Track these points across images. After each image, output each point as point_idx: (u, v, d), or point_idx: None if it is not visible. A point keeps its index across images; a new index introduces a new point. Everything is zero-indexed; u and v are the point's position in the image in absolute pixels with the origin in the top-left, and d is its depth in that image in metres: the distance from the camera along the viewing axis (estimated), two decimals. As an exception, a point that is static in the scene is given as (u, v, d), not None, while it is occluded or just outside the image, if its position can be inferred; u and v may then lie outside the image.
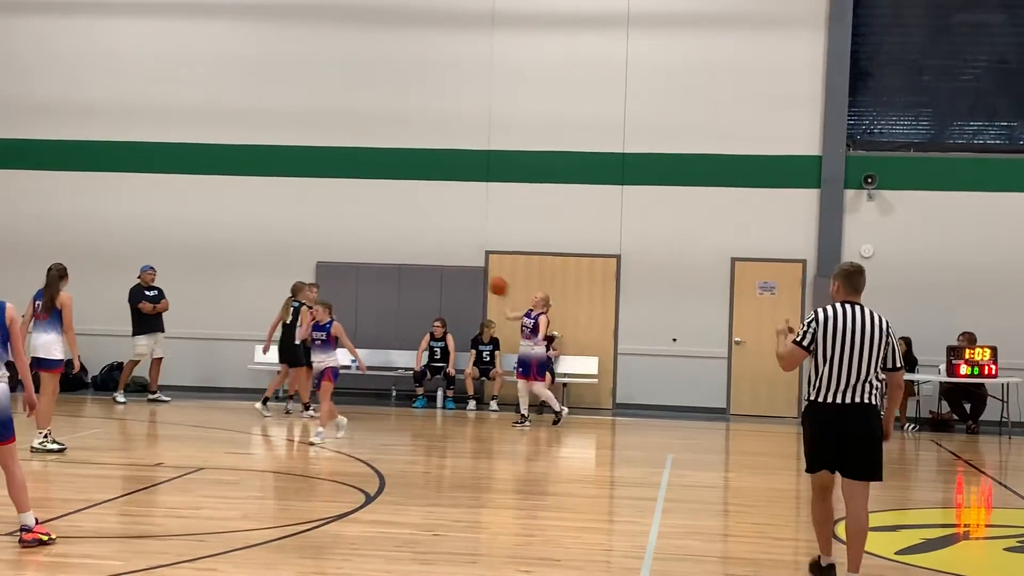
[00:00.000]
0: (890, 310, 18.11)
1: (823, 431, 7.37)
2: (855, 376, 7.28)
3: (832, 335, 7.33)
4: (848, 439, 7.27)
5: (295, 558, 7.77)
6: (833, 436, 7.31)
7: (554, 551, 8.21)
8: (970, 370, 16.66)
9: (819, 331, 7.36)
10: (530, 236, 18.92)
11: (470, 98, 19.06)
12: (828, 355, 7.30)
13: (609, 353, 18.78)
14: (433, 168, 19.11)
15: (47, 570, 7.24)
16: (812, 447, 7.47)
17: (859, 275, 7.73)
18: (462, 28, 19.18)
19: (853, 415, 7.26)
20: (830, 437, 7.33)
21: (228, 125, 19.37)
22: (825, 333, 7.34)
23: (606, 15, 18.84)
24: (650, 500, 10.46)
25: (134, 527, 8.56)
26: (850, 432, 7.27)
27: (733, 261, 18.60)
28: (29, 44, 19.80)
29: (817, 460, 7.45)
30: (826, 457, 7.39)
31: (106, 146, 19.60)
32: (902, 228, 18.36)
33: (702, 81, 18.69)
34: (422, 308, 18.71)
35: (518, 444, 14.96)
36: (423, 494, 10.66)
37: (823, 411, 7.32)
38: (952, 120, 18.86)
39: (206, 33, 19.59)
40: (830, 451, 7.35)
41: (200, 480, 10.88)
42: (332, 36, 19.34)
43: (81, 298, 12.80)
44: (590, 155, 18.84)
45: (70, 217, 19.51)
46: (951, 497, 11.99)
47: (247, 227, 19.32)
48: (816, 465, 7.46)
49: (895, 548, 8.66)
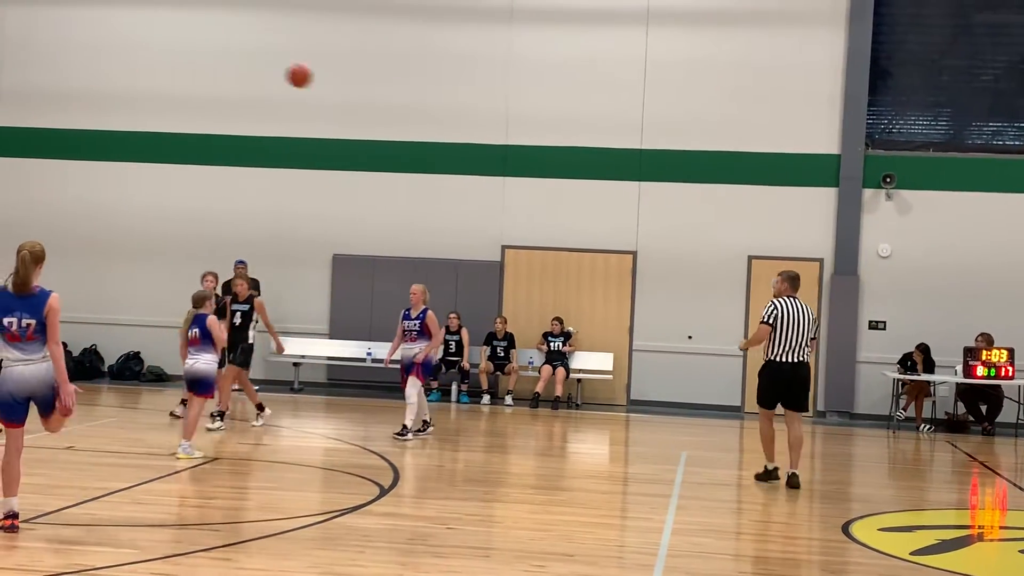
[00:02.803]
0: (907, 310, 18.33)
1: (778, 379, 11.19)
2: (797, 344, 11.07)
3: (785, 317, 11.05)
4: (793, 384, 11.20)
5: (309, 549, 7.79)
6: (784, 383, 11.19)
7: (567, 546, 8.21)
8: (987, 371, 16.60)
9: (777, 314, 11.05)
10: (546, 231, 18.91)
11: (488, 93, 19.06)
12: (781, 330, 11.04)
13: (624, 349, 18.77)
14: (450, 162, 19.12)
15: (63, 556, 7.27)
16: (769, 391, 11.29)
17: (798, 279, 11.50)
18: (480, 22, 19.18)
19: (797, 369, 11.16)
20: (781, 384, 11.20)
21: (245, 117, 19.42)
22: (781, 316, 11.05)
23: (625, 11, 18.81)
24: (664, 497, 10.46)
25: (149, 516, 8.58)
26: (795, 380, 11.18)
27: (750, 259, 18.55)
28: (47, 33, 19.88)
29: (771, 399, 11.34)
30: (778, 397, 11.29)
31: (123, 136, 19.67)
32: (920, 228, 18.29)
33: (721, 78, 18.64)
34: (438, 302, 18.56)
35: (532, 439, 14.97)
36: (437, 487, 10.68)
37: (779, 366, 11.15)
38: (971, 120, 18.77)
39: (225, 24, 19.64)
40: (781, 393, 11.24)
41: (215, 470, 10.92)
42: (350, 29, 19.37)
43: (98, 288, 12.81)
44: (607, 151, 18.83)
45: (86, 206, 19.58)
46: (966, 498, 11.94)
47: (264, 219, 19.36)
48: (771, 402, 11.36)
49: (910, 548, 8.63)
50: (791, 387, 11.18)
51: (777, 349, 11.08)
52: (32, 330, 7.67)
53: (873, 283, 18.36)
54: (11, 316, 7.66)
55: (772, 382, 11.23)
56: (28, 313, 7.67)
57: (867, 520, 9.83)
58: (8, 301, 7.71)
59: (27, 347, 7.70)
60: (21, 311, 7.67)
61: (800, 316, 11.06)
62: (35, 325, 7.67)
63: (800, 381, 11.19)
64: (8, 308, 7.68)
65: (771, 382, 11.24)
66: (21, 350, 7.70)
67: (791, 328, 11.02)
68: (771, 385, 11.25)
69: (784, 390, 11.20)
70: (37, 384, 7.73)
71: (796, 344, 11.03)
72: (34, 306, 7.70)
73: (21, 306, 7.69)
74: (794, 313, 11.05)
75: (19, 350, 7.70)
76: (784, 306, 11.09)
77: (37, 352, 7.72)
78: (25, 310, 7.67)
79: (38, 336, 7.70)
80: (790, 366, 11.11)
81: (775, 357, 11.12)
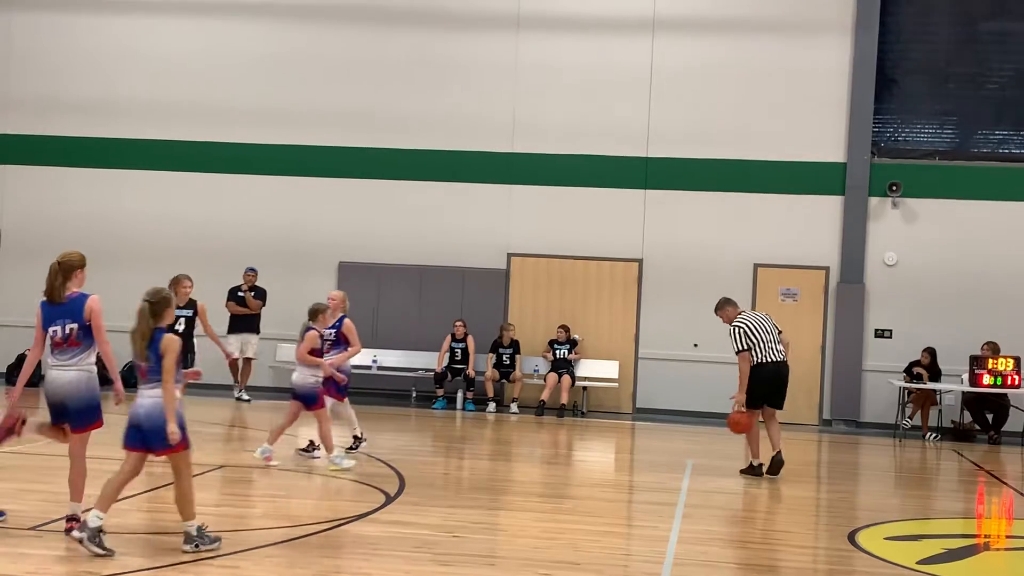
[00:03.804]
0: (913, 318, 18.33)
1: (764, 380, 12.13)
2: (770, 343, 12.18)
3: (751, 329, 12.18)
4: (778, 382, 12.30)
5: (315, 557, 7.79)
6: (769, 382, 12.21)
7: (573, 555, 8.21)
8: (993, 380, 16.57)
9: (742, 333, 12.16)
10: (552, 239, 18.93)
11: (494, 101, 19.09)
12: (754, 340, 12.12)
13: (630, 357, 18.77)
14: (456, 170, 19.15)
15: (70, 564, 7.29)
16: (757, 392, 12.16)
17: (731, 300, 12.69)
18: (487, 31, 19.22)
19: (780, 367, 12.27)
20: (767, 383, 12.19)
21: (252, 124, 19.47)
22: (748, 331, 12.17)
23: (631, 19, 18.84)
24: (670, 505, 10.45)
25: (156, 524, 8.59)
26: (778, 378, 12.29)
27: (756, 267, 18.56)
28: (55, 41, 19.96)
29: (758, 400, 12.24)
30: (763, 397, 12.25)
31: (133, 144, 19.73)
32: (926, 236, 18.29)
33: (727, 86, 18.66)
34: (443, 310, 18.75)
35: (537, 447, 14.96)
36: (443, 495, 10.68)
37: (764, 367, 12.11)
38: (977, 129, 18.77)
39: (234, 32, 19.70)
40: (767, 392, 12.24)
41: (221, 478, 10.93)
42: (357, 38, 19.41)
43: (105, 295, 12.89)
44: (613, 159, 18.85)
45: (93, 214, 19.61)
46: (973, 507, 11.92)
47: (270, 226, 19.40)
48: (757, 403, 12.25)
49: (917, 558, 8.62)
50: (776, 385, 12.29)
51: (759, 355, 12.15)
52: (75, 335, 7.92)
53: (879, 291, 18.36)
54: (55, 325, 7.95)
55: (759, 383, 12.16)
56: (68, 318, 7.93)
57: (873, 529, 9.82)
58: (48, 311, 8.01)
59: (66, 352, 7.94)
60: (62, 318, 7.93)
61: (760, 321, 12.34)
62: (77, 330, 7.91)
63: (783, 379, 12.33)
64: (50, 317, 7.98)
65: (758, 384, 12.16)
66: (59, 356, 7.95)
67: (760, 333, 12.20)
68: (758, 387, 12.17)
69: (769, 389, 12.25)
70: (67, 390, 7.90)
71: (770, 344, 12.19)
72: (72, 311, 7.94)
73: (60, 313, 7.95)
74: (755, 323, 12.28)
75: (58, 356, 7.96)
76: (747, 322, 12.27)
77: (73, 357, 7.94)
78: (65, 316, 7.93)
79: (81, 341, 7.93)
80: (774, 365, 12.18)
81: (759, 360, 12.15)
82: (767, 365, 12.16)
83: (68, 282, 7.98)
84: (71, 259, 8.05)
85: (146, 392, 7.65)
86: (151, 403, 7.56)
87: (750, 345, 12.12)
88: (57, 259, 8.03)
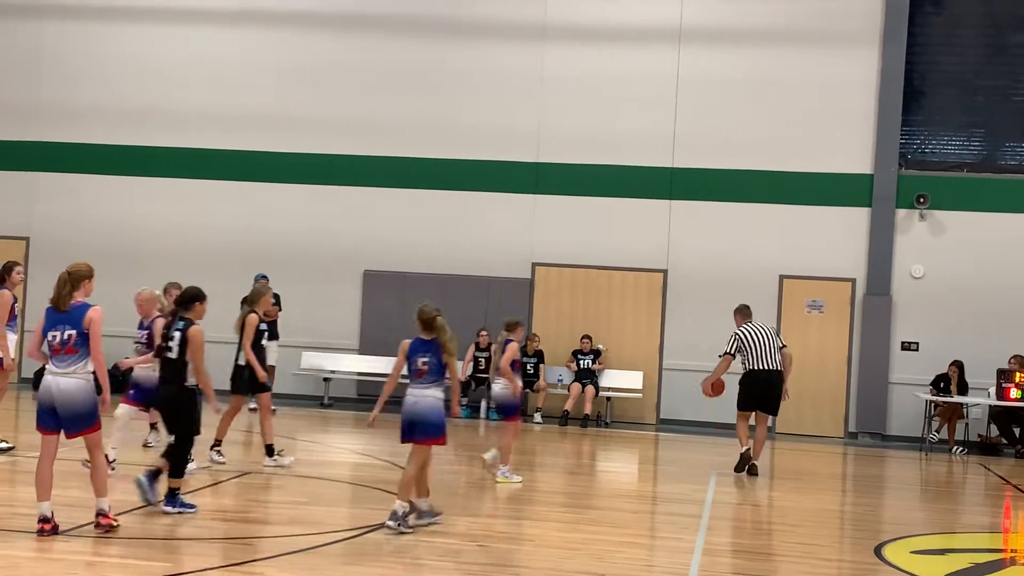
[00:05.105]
0: (939, 331, 18.20)
1: (754, 385, 13.19)
2: (767, 354, 13.12)
3: (749, 339, 13.26)
4: (768, 389, 13.19)
5: (339, 564, 7.81)
6: (759, 388, 13.20)
7: (597, 565, 8.19)
8: (1020, 394, 16.44)
9: (738, 342, 13.33)
10: (577, 249, 18.91)
11: (520, 110, 19.12)
12: (750, 349, 13.18)
13: (654, 368, 18.72)
14: (482, 179, 19.17)
15: (95, 570, 7.33)
16: (747, 395, 13.32)
17: (748, 308, 13.89)
18: (513, 41, 19.25)
19: (771, 375, 13.18)
20: (757, 388, 13.20)
21: (277, 133, 19.55)
22: (745, 340, 13.28)
23: (658, 30, 18.83)
24: (694, 517, 10.41)
25: (180, 530, 8.63)
26: (769, 385, 13.17)
27: (781, 278, 18.49)
28: (86, 49, 20.11)
29: (748, 403, 13.35)
30: (753, 401, 13.30)
31: (163, 152, 19.85)
32: (953, 249, 18.18)
33: (754, 97, 18.62)
34: (468, 319, 18.72)
35: (561, 457, 14.94)
36: (467, 504, 10.68)
37: (756, 374, 13.18)
38: (1005, 141, 18.66)
39: (265, 41, 19.78)
40: (757, 396, 13.25)
41: (246, 484, 10.97)
42: (384, 47, 19.47)
43: (131, 302, 12.94)
44: (638, 169, 18.82)
45: (126, 222, 19.72)
46: (999, 522, 11.82)
47: (296, 234, 19.45)
48: (747, 407, 13.38)
49: (943, 572, 8.57)
50: (766, 391, 13.22)
51: (753, 362, 13.21)
52: (72, 342, 8.12)
53: (906, 304, 18.25)
54: (55, 330, 8.19)
55: (749, 388, 13.30)
56: (68, 325, 8.15)
57: (899, 543, 9.75)
58: (51, 316, 8.25)
59: (64, 359, 8.13)
60: (63, 324, 8.16)
61: (761, 333, 13.34)
62: (75, 337, 8.12)
63: (773, 386, 13.23)
64: (51, 323, 8.23)
65: (748, 388, 13.31)
66: (57, 362, 8.15)
67: (757, 344, 13.19)
68: (748, 390, 13.32)
69: (759, 394, 13.26)
70: (61, 396, 8.09)
71: (766, 355, 13.15)
72: (72, 319, 8.17)
73: (61, 320, 8.18)
74: (754, 334, 13.32)
75: (56, 362, 8.16)
76: (745, 332, 13.38)
77: (71, 365, 8.13)
78: (66, 323, 8.16)
79: (78, 349, 8.13)
80: (765, 373, 13.16)
81: (752, 367, 13.23)
82: (760, 372, 13.17)
83: (76, 291, 8.25)
84: (80, 270, 8.37)
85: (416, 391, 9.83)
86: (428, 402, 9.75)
87: (739, 352, 13.31)
88: (67, 269, 8.35)
